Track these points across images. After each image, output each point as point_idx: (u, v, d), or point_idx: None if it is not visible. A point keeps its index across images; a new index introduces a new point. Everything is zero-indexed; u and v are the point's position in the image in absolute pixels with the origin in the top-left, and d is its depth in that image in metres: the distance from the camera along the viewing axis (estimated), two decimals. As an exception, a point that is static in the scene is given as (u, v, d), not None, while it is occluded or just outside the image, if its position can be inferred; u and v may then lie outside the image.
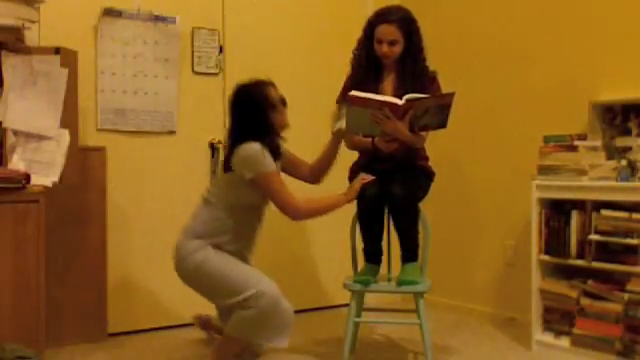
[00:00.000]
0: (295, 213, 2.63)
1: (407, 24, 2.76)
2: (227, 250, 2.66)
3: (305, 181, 2.91)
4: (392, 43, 2.74)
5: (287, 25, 3.83)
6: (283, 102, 2.73)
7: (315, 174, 2.89)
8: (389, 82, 2.85)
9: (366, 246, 2.83)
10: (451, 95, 2.58)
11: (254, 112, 2.65)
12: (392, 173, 2.70)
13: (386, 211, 2.83)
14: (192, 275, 2.66)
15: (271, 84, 2.73)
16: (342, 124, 2.67)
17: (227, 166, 2.68)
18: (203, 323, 3.17)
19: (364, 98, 2.52)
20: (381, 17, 2.77)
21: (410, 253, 2.76)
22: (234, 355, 2.74)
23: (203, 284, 2.66)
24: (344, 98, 2.87)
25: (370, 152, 2.83)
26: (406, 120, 2.60)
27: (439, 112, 2.63)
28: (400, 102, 2.54)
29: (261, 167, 2.58)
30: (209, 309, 3.12)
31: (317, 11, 3.94)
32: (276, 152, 2.69)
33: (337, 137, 2.78)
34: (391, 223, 2.87)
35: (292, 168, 2.90)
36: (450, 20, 3.94)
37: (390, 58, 2.78)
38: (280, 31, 3.81)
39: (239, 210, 2.69)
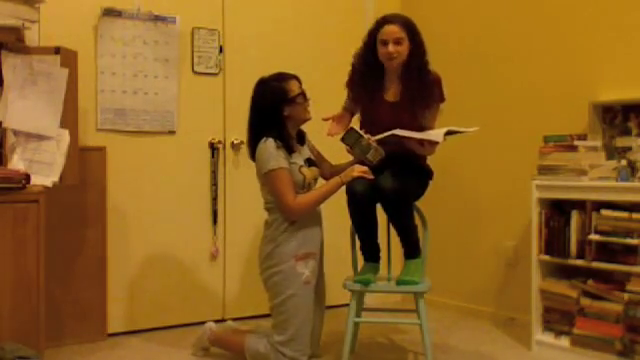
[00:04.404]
0: (289, 213, 2.65)
1: (410, 26, 2.76)
2: (293, 248, 2.67)
3: (324, 179, 2.90)
4: (398, 42, 2.72)
5: (287, 25, 3.83)
6: (303, 95, 2.74)
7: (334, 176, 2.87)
8: (393, 90, 2.82)
9: (362, 244, 2.82)
10: (476, 129, 2.70)
11: (268, 106, 2.70)
12: (384, 168, 2.69)
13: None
14: (262, 279, 2.76)
15: (292, 77, 2.75)
16: (381, 152, 2.67)
17: (253, 158, 2.74)
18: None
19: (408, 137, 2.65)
20: (382, 20, 2.78)
21: (411, 249, 2.75)
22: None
23: (266, 288, 2.76)
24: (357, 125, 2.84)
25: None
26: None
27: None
28: (441, 140, 2.61)
29: (269, 165, 2.62)
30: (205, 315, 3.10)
31: (317, 11, 3.93)
32: (290, 145, 2.71)
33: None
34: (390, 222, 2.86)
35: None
36: (450, 20, 3.94)
37: (396, 59, 2.74)
38: (280, 31, 3.80)
39: None
